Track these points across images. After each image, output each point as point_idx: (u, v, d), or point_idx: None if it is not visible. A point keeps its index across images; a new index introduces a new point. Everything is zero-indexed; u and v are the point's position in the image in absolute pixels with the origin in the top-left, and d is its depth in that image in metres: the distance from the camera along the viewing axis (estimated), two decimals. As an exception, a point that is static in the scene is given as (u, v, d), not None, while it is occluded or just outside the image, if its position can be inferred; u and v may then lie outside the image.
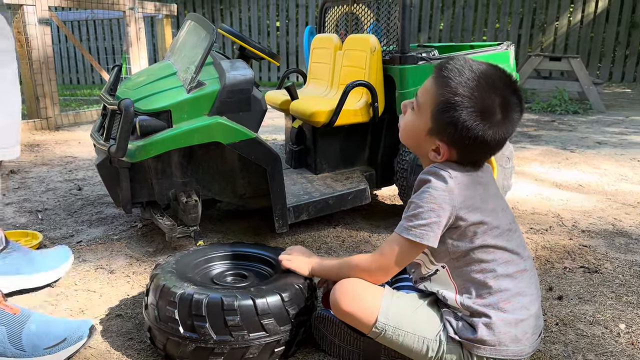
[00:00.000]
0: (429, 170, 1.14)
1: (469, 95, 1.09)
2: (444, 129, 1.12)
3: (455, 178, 1.11)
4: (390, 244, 1.17)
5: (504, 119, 1.10)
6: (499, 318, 1.11)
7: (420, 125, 1.18)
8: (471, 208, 1.12)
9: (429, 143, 1.17)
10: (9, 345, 1.22)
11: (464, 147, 1.12)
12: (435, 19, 8.14)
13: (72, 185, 2.81)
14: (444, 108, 1.11)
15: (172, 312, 1.21)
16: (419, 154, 1.25)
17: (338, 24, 2.67)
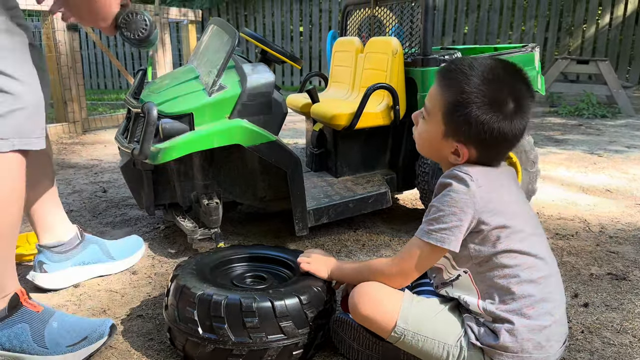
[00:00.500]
0: (450, 174, 1.13)
1: (476, 90, 1.08)
2: (459, 129, 1.12)
3: (477, 181, 1.09)
4: (410, 248, 1.16)
5: (517, 108, 1.09)
6: (522, 324, 1.08)
7: (433, 131, 1.17)
8: (494, 212, 1.10)
9: (447, 146, 1.16)
10: (32, 343, 1.24)
11: (482, 143, 1.11)
12: (460, 22, 8.07)
13: (98, 188, 2.86)
14: (453, 108, 1.11)
15: (191, 313, 1.22)
16: (439, 160, 1.24)
17: (360, 28, 2.66)
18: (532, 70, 2.20)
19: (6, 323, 1.25)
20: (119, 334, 1.41)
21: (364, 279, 1.22)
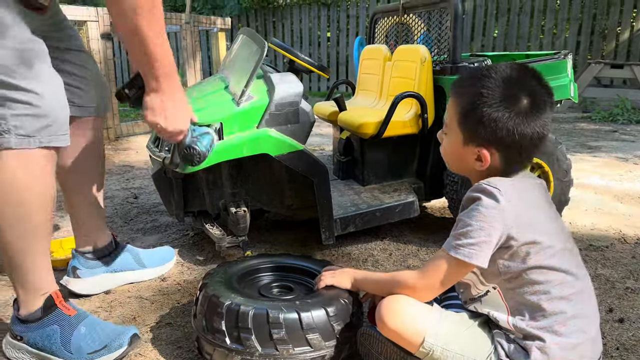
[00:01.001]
0: (479, 187, 1.10)
1: (487, 91, 1.08)
2: (475, 132, 1.11)
3: (507, 195, 1.07)
4: (436, 262, 1.14)
5: (532, 105, 1.08)
6: (554, 342, 1.06)
7: (454, 142, 1.17)
8: (523, 227, 1.07)
9: (469, 154, 1.15)
10: (59, 345, 1.28)
11: (500, 143, 1.10)
12: (489, 26, 7.96)
13: (129, 194, 2.92)
14: (466, 112, 1.11)
15: (219, 323, 1.22)
16: (466, 172, 1.22)
17: (388, 35, 2.65)
18: (565, 77, 2.15)
19: (40, 324, 1.29)
20: (147, 342, 1.43)
21: (389, 291, 1.21)
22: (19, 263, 1.27)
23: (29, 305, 1.30)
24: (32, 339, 1.30)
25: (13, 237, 1.25)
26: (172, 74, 1.29)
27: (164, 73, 1.27)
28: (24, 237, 1.26)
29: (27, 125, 1.20)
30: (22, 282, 1.29)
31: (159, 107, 1.30)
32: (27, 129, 1.20)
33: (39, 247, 1.29)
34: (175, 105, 1.32)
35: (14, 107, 1.18)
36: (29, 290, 1.30)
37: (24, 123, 1.19)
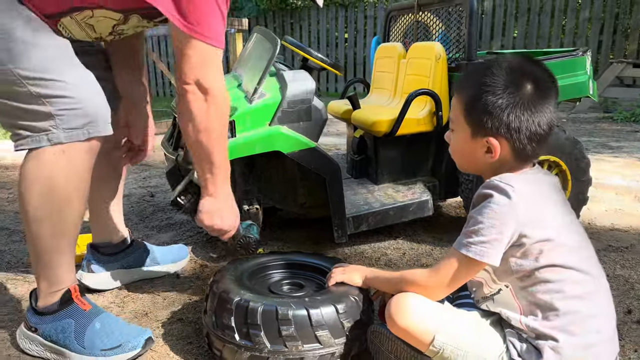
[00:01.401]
0: (490, 184, 1.08)
1: (490, 80, 1.07)
2: (481, 122, 1.09)
3: (519, 191, 1.05)
4: (447, 260, 1.12)
5: (536, 91, 1.06)
6: (567, 342, 1.03)
7: (461, 138, 1.15)
8: (536, 224, 1.05)
9: (478, 147, 1.13)
10: (73, 339, 1.29)
11: (508, 132, 1.08)
12: (509, 26, 7.86)
13: (146, 192, 2.95)
14: (471, 103, 1.10)
15: (228, 319, 1.22)
16: (477, 169, 1.19)
17: (406, 34, 2.63)
18: (584, 75, 2.11)
19: (56, 316, 1.31)
20: (158, 337, 1.44)
21: (400, 289, 1.19)
22: (47, 259, 1.29)
23: (47, 298, 1.32)
24: (46, 331, 1.31)
25: (47, 234, 1.27)
26: (228, 180, 1.43)
27: (223, 179, 1.40)
28: (56, 234, 1.28)
29: (72, 119, 1.22)
30: (45, 275, 1.31)
31: (216, 210, 1.40)
32: (72, 122, 1.23)
33: (68, 245, 1.32)
34: (229, 205, 1.44)
35: (55, 103, 1.20)
36: (50, 284, 1.32)
37: (69, 117, 1.22)
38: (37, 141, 1.22)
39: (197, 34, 1.23)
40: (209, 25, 1.25)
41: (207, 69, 1.28)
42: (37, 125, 1.22)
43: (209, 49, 1.26)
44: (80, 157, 1.26)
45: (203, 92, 1.28)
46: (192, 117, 1.29)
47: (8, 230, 2.30)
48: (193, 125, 1.31)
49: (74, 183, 1.27)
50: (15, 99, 1.20)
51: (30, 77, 1.18)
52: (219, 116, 1.33)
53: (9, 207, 2.65)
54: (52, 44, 1.23)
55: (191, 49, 1.25)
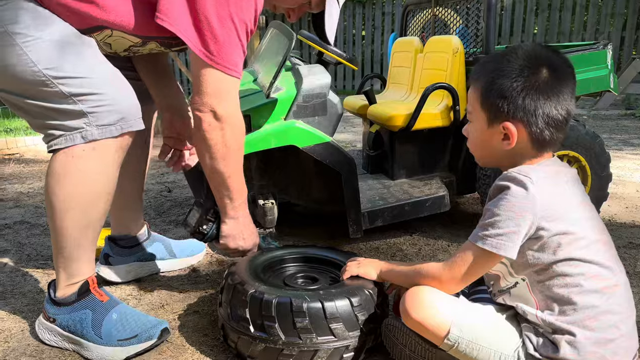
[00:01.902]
0: (508, 176, 1.07)
1: (504, 66, 1.07)
2: (498, 108, 1.08)
3: (537, 184, 1.03)
4: (463, 253, 1.11)
5: (552, 76, 1.05)
6: (585, 336, 1.01)
7: (479, 127, 1.14)
8: (555, 217, 1.03)
9: (495, 135, 1.11)
10: (90, 329, 1.31)
11: (526, 116, 1.06)
12: (529, 22, 7.75)
13: (163, 187, 2.98)
14: (486, 90, 1.09)
15: (243, 311, 1.23)
16: (495, 160, 1.18)
17: (424, 28, 2.61)
18: (604, 68, 2.07)
19: (74, 307, 1.33)
20: (175, 329, 1.45)
21: (415, 282, 1.18)
22: (69, 252, 1.31)
23: (66, 289, 1.34)
24: (64, 321, 1.33)
25: (71, 228, 1.29)
26: (246, 202, 1.47)
27: (241, 202, 1.44)
28: (81, 228, 1.30)
29: (105, 116, 1.24)
30: (65, 267, 1.33)
31: (238, 232, 1.46)
32: (105, 119, 1.24)
33: (91, 239, 1.34)
34: (250, 227, 1.49)
35: (86, 101, 1.22)
36: (69, 276, 1.34)
37: (102, 114, 1.23)
38: (71, 139, 1.24)
39: (217, 64, 1.26)
40: (229, 55, 1.27)
41: (224, 98, 1.30)
42: (70, 124, 1.23)
43: (227, 79, 1.29)
44: (110, 153, 1.28)
45: (219, 120, 1.30)
46: (208, 146, 1.32)
47: (28, 224, 2.34)
48: (210, 155, 1.33)
49: (102, 180, 1.29)
50: (47, 100, 1.22)
51: (60, 77, 1.20)
52: (235, 144, 1.36)
53: (29, 202, 2.69)
54: (78, 43, 1.24)
55: (210, 78, 1.27)
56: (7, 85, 1.25)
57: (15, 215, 2.48)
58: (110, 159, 1.28)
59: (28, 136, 4.01)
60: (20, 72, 1.19)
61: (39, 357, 1.33)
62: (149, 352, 1.34)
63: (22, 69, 1.18)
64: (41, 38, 1.19)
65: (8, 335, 1.43)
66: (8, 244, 2.10)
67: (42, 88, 1.20)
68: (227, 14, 1.23)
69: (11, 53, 1.18)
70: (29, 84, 1.20)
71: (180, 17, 1.23)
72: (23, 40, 1.17)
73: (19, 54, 1.17)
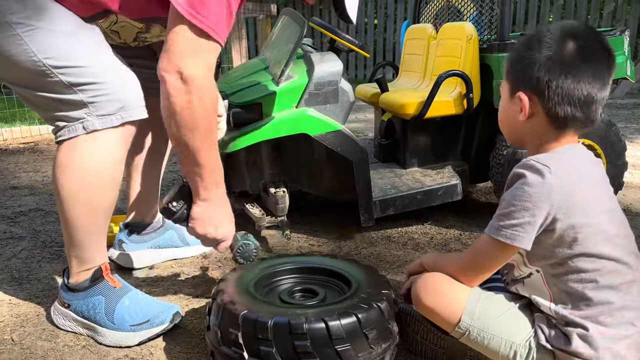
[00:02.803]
0: (525, 164, 1.04)
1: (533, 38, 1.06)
2: (517, 78, 1.08)
3: (557, 173, 1.00)
4: (480, 245, 1.10)
5: (579, 49, 1.01)
6: (598, 331, 1.00)
7: (504, 100, 1.14)
8: (572, 209, 1.00)
9: (513, 107, 1.10)
10: (103, 315, 1.32)
11: (541, 88, 1.03)
12: (544, 10, 7.62)
13: (175, 176, 2.99)
14: (513, 62, 1.09)
15: (235, 335, 1.08)
16: (517, 135, 1.14)
17: (437, 15, 2.58)
18: (621, 55, 2.03)
19: (87, 293, 1.35)
20: (187, 315, 1.46)
21: (439, 268, 1.17)
22: (79, 240, 1.32)
23: (79, 276, 1.36)
24: (78, 307, 1.35)
25: (79, 217, 1.30)
26: (221, 183, 1.32)
27: (215, 182, 1.30)
28: (89, 217, 1.31)
29: (105, 105, 1.24)
30: (76, 255, 1.35)
31: (209, 217, 1.32)
32: (105, 108, 1.24)
33: (100, 227, 1.35)
34: (224, 213, 1.35)
35: (86, 90, 1.22)
36: (81, 263, 1.35)
37: (101, 103, 1.24)
38: (73, 130, 1.24)
39: (200, 22, 1.13)
40: (215, 16, 1.15)
41: (195, 58, 1.16)
42: (72, 115, 1.24)
43: (205, 42, 1.15)
44: (113, 144, 1.28)
45: (185, 83, 1.15)
46: (172, 112, 1.18)
47: (43, 211, 2.37)
48: (175, 122, 1.19)
49: (106, 170, 1.29)
50: (49, 90, 1.22)
51: (59, 66, 1.19)
52: (204, 112, 1.20)
53: (44, 189, 2.72)
54: (80, 33, 1.24)
55: (184, 36, 1.14)
56: (12, 77, 1.25)
57: (30, 202, 2.51)
58: (113, 149, 1.28)
59: (42, 125, 4.05)
60: (21, 62, 1.19)
61: (54, 341, 1.35)
62: (162, 337, 1.35)
63: (23, 59, 1.18)
64: (41, 27, 1.18)
65: (24, 320, 1.45)
66: (23, 231, 2.13)
67: (43, 78, 1.20)
68: None
69: (12, 43, 1.17)
70: (31, 74, 1.20)
71: None
72: (23, 30, 1.17)
73: (19, 43, 1.17)
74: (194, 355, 1.28)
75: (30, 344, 1.34)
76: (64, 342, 1.34)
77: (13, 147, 3.78)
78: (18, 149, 3.75)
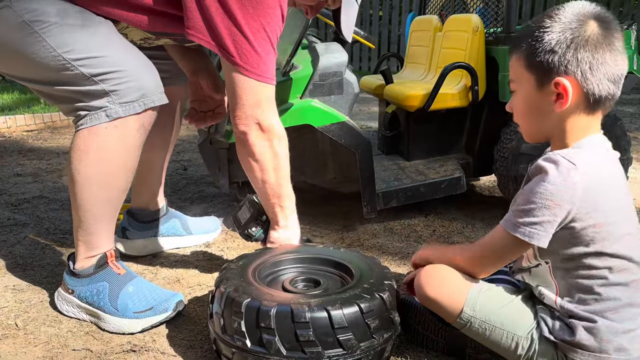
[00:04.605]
0: (551, 157, 0.99)
1: (547, 23, 1.00)
2: (547, 64, 1.00)
3: (581, 170, 0.96)
4: (494, 238, 1.08)
5: (601, 28, 0.98)
6: (604, 324, 1.00)
7: (526, 92, 1.06)
8: (593, 207, 0.98)
9: (546, 97, 1.02)
10: (106, 301, 1.33)
11: (580, 69, 0.98)
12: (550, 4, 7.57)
13: (179, 166, 3.00)
14: (531, 52, 1.02)
15: (238, 323, 1.08)
16: (546, 129, 1.07)
17: (443, 7, 2.56)
18: (628, 49, 2.02)
19: (91, 279, 1.36)
20: (190, 303, 1.47)
21: (447, 259, 1.17)
22: (89, 225, 1.34)
23: (84, 261, 1.37)
24: (82, 293, 1.36)
25: (91, 202, 1.31)
26: (294, 210, 1.46)
27: (292, 210, 1.44)
28: (101, 203, 1.32)
29: (127, 93, 1.25)
30: (84, 240, 1.36)
31: (286, 239, 1.44)
32: (128, 96, 1.25)
33: (111, 214, 1.36)
34: (296, 234, 1.47)
35: (107, 80, 1.23)
36: (88, 248, 1.36)
37: (124, 91, 1.25)
38: (96, 118, 1.25)
39: (257, 76, 1.26)
40: (266, 65, 1.27)
41: (265, 108, 1.30)
42: (95, 104, 1.25)
43: (266, 88, 1.29)
44: (132, 131, 1.29)
45: (265, 132, 1.31)
46: (257, 160, 1.34)
47: (47, 198, 2.38)
48: (260, 167, 1.35)
49: (123, 157, 1.30)
50: (70, 84, 1.24)
51: (79, 59, 1.21)
52: (284, 152, 1.37)
53: (48, 177, 2.73)
54: (95, 25, 1.25)
55: (250, 91, 1.27)
56: (33, 75, 1.28)
57: (34, 190, 2.52)
58: (131, 137, 1.30)
59: (46, 113, 4.06)
60: (42, 58, 1.21)
61: (58, 327, 1.36)
62: (165, 324, 1.36)
63: (43, 54, 1.21)
64: (58, 23, 1.20)
65: (28, 306, 1.46)
66: (27, 218, 2.14)
67: (63, 72, 1.22)
68: (260, 25, 1.23)
69: (31, 41, 1.20)
70: (51, 69, 1.22)
71: (213, 31, 1.23)
72: (41, 27, 1.19)
73: (38, 40, 1.20)
74: (197, 342, 1.29)
75: (34, 329, 1.35)
76: (68, 328, 1.35)
77: (17, 135, 3.79)
78: (22, 136, 3.76)
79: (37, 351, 1.26)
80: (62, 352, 1.25)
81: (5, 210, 2.24)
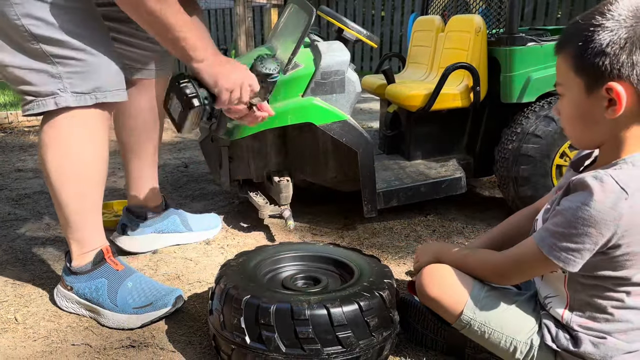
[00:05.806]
0: (599, 176, 0.91)
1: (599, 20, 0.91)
2: (597, 68, 0.91)
3: (633, 197, 0.89)
4: (525, 253, 1.03)
5: None
6: (612, 342, 0.99)
7: (574, 97, 0.97)
8: (635, 237, 0.92)
9: (596, 103, 0.94)
10: (106, 298, 1.33)
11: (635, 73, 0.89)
12: (552, 8, 7.56)
13: (180, 163, 3.00)
14: (580, 53, 0.93)
15: (238, 320, 1.08)
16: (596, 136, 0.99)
17: (446, 7, 2.56)
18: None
19: (90, 276, 1.36)
20: (190, 299, 1.47)
21: (466, 266, 1.14)
22: (72, 220, 1.33)
23: (80, 259, 1.37)
24: (81, 289, 1.36)
25: (69, 196, 1.31)
26: (209, 41, 1.27)
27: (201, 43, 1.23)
28: (78, 196, 1.32)
29: (81, 83, 1.23)
30: (73, 237, 1.36)
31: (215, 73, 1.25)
32: (81, 86, 1.24)
33: (92, 206, 1.35)
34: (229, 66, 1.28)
35: (65, 64, 1.21)
36: (80, 245, 1.36)
37: (78, 80, 1.23)
38: (44, 105, 1.23)
39: None
40: None
41: None
42: (44, 90, 1.22)
43: None
44: (91, 122, 1.27)
45: None
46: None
47: (47, 194, 2.38)
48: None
49: (88, 148, 1.29)
50: (25, 55, 1.20)
51: (42, 35, 1.18)
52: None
53: (50, 173, 2.74)
54: (72, 7, 1.21)
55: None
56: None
57: (35, 185, 2.52)
58: (92, 127, 1.28)
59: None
60: (4, 21, 1.17)
61: (57, 322, 1.36)
62: (164, 320, 1.36)
63: (6, 18, 1.16)
64: None
65: (28, 300, 1.46)
66: (27, 213, 2.14)
67: (23, 43, 1.19)
68: None
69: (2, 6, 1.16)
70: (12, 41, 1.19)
71: None
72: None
73: (7, 4, 1.16)
74: (196, 339, 1.29)
75: (33, 323, 1.35)
76: (67, 323, 1.36)
77: (18, 130, 3.79)
78: (23, 131, 3.76)
79: (37, 346, 1.26)
80: (61, 347, 1.25)
81: (6, 205, 2.24)
